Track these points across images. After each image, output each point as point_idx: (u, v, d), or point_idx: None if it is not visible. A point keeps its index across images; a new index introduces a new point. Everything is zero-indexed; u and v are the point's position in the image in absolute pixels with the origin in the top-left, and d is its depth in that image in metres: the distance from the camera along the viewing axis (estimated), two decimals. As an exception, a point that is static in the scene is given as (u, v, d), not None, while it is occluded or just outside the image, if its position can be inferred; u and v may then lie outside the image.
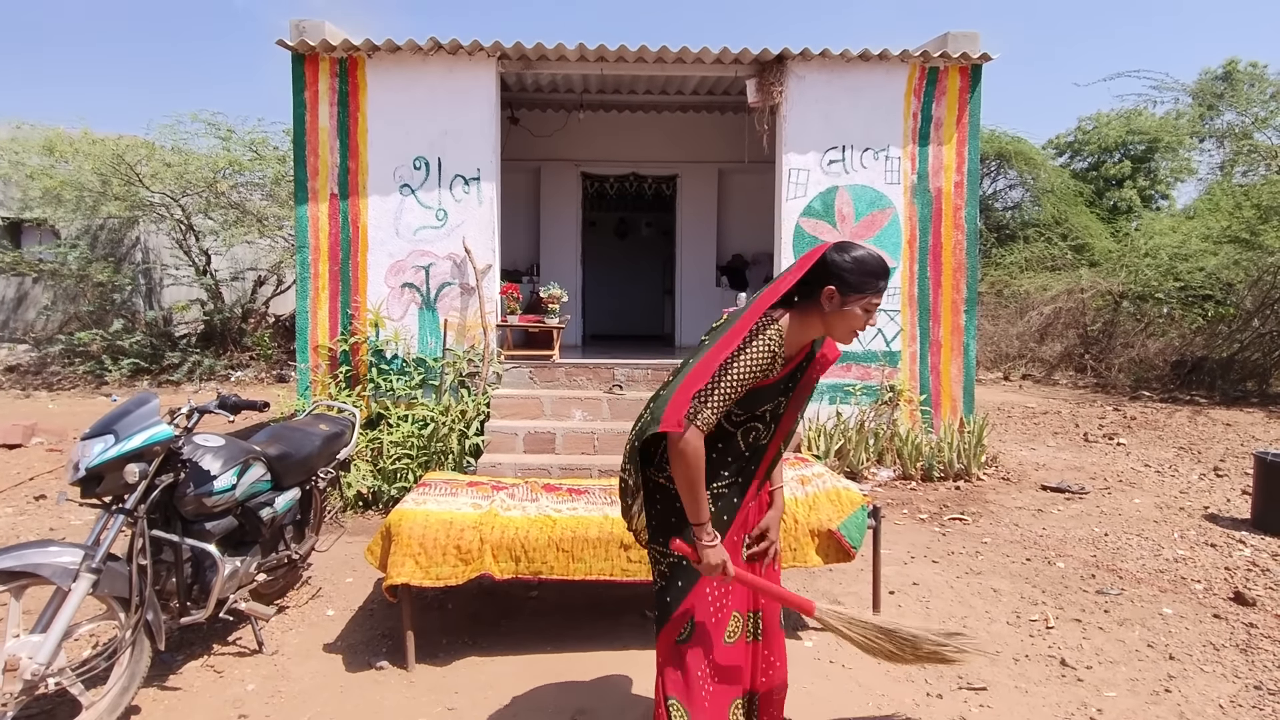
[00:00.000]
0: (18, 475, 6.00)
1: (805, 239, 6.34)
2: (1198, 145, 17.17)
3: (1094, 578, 3.88)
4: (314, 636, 3.28)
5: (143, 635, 2.52)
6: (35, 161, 11.89)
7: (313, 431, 3.54)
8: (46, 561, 2.36)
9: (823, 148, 6.34)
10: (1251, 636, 3.21)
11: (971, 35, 6.31)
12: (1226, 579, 3.86)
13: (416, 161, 6.14)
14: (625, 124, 9.02)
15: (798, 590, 3.70)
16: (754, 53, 6.18)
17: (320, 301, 6.12)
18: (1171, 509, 5.17)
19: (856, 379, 6.33)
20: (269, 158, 12.38)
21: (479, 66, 6.14)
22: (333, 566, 4.08)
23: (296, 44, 5.88)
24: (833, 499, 3.23)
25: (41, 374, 12.01)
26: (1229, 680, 2.85)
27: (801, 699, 2.72)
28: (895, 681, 2.86)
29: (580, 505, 3.35)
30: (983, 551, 4.30)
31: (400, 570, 2.90)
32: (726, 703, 2.11)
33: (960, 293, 6.40)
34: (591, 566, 3.02)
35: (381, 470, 5.30)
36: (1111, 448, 7.33)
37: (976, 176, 6.40)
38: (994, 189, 18.87)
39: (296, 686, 2.86)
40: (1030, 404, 9.99)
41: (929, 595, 3.68)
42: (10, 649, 2.30)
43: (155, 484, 2.60)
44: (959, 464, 5.94)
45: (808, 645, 3.18)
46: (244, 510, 2.99)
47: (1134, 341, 13.03)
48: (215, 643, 3.19)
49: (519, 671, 2.95)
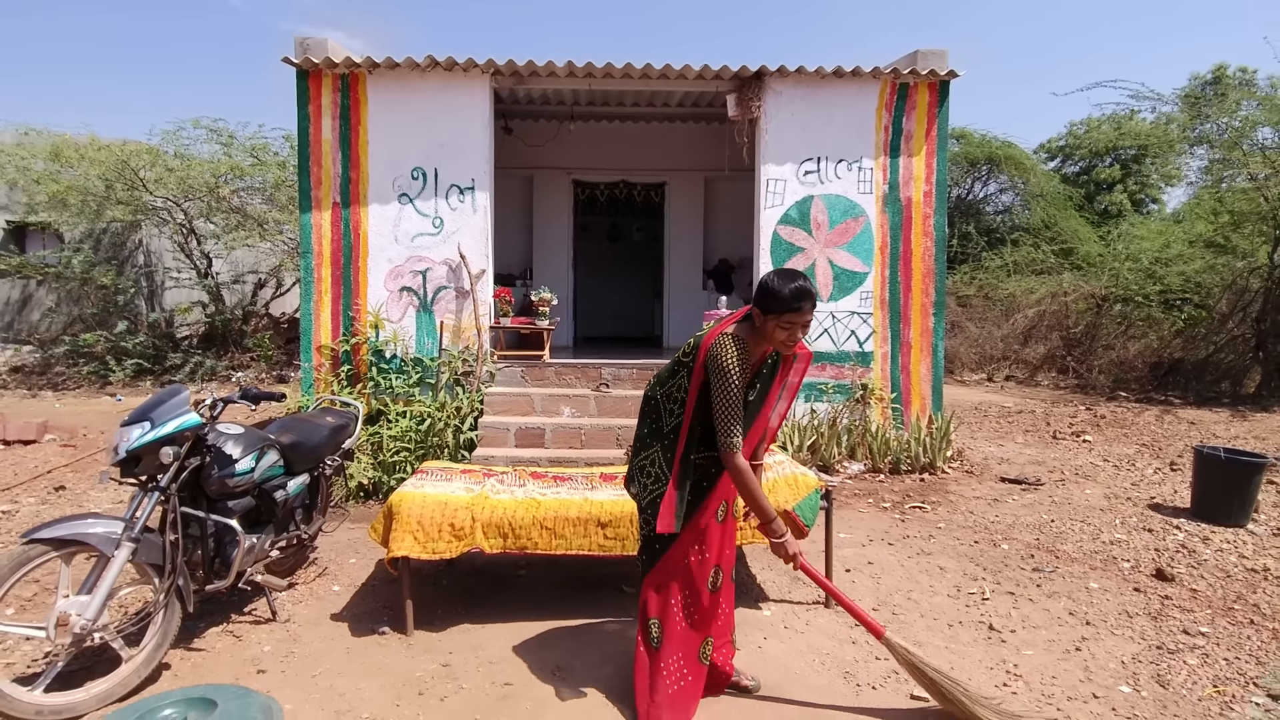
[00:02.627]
0: (35, 469, 6.33)
1: (782, 246, 6.71)
2: (1188, 150, 17.50)
3: (1033, 558, 4.25)
4: (322, 608, 3.62)
5: (174, 599, 2.87)
6: (41, 167, 12.18)
7: (320, 423, 3.89)
8: (93, 531, 2.71)
9: (799, 159, 6.71)
10: (1164, 607, 3.57)
11: (940, 53, 6.68)
12: (1154, 559, 4.23)
13: (414, 172, 6.49)
14: (615, 133, 9.38)
15: (762, 568, 4.07)
16: (733, 69, 6.55)
17: (323, 304, 6.47)
18: (1119, 499, 5.54)
19: (830, 378, 6.69)
20: (269, 163, 12.71)
21: (473, 82, 6.51)
22: (338, 549, 4.43)
23: (301, 61, 6.24)
24: (790, 483, 3.59)
25: (46, 374, 12.30)
26: (1135, 642, 3.22)
27: (755, 656, 3.08)
28: (840, 644, 3.22)
29: (564, 490, 3.71)
30: (936, 535, 4.67)
31: (400, 545, 3.25)
32: (698, 641, 2.63)
33: (929, 296, 6.77)
34: (572, 543, 3.37)
35: (381, 463, 5.65)
36: (1076, 445, 7.70)
37: (944, 186, 6.77)
38: (985, 193, 19.17)
39: (307, 649, 3.20)
40: (1007, 404, 10.36)
41: (880, 573, 4.04)
42: (61, 607, 2.65)
43: (185, 466, 2.95)
44: (925, 458, 6.30)
45: (766, 614, 3.53)
46: (260, 492, 3.34)
47: (1115, 344, 13.40)
48: (233, 612, 3.53)
49: (507, 636, 3.29)
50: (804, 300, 2.40)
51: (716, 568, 2.65)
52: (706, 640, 2.65)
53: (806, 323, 2.43)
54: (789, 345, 2.48)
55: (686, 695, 2.59)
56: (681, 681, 2.59)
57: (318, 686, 2.87)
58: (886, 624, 3.39)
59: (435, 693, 2.83)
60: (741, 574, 4.01)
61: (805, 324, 2.43)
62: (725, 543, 2.69)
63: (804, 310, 2.40)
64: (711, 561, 2.63)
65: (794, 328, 2.41)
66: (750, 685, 2.81)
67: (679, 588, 2.62)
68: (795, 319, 2.40)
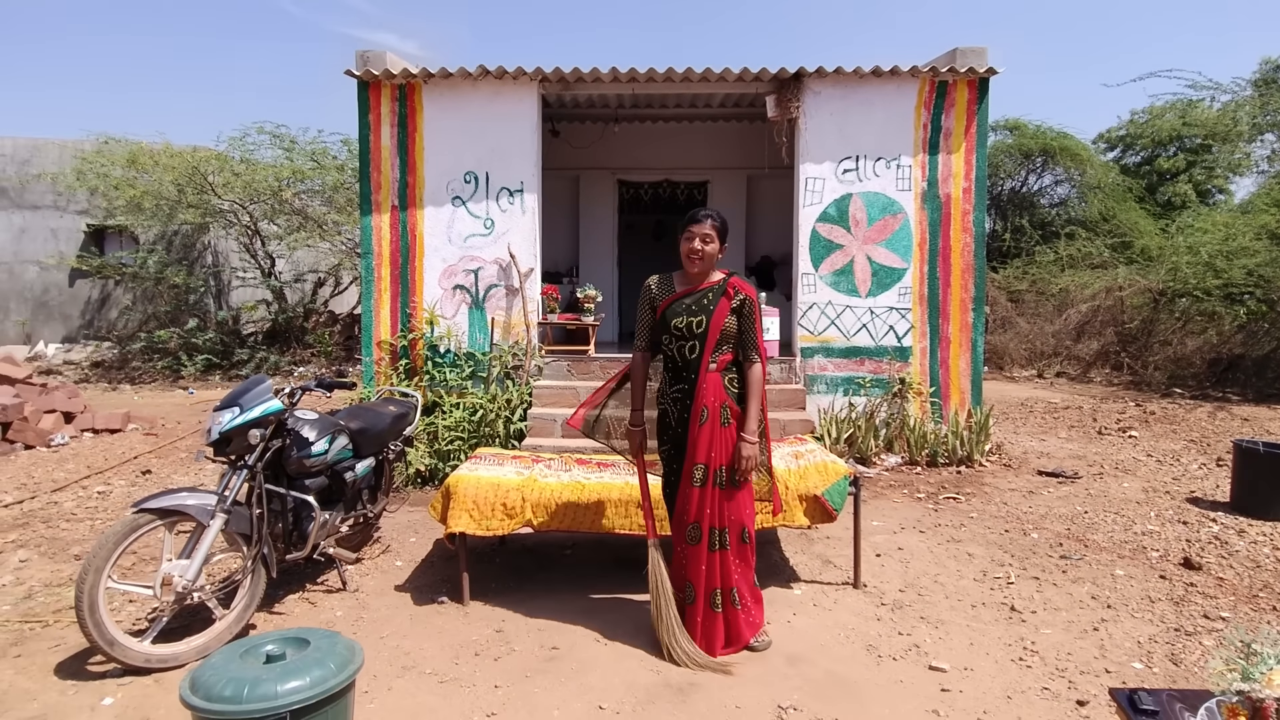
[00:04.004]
0: (123, 454, 6.87)
1: (821, 243, 6.86)
2: (1258, 137, 16.76)
3: (1061, 546, 4.36)
4: (386, 580, 3.96)
5: (260, 565, 3.22)
6: (119, 173, 12.93)
7: (384, 411, 4.23)
8: (193, 503, 3.07)
9: (837, 158, 6.85)
10: (1188, 593, 3.67)
11: (979, 50, 6.74)
12: (1184, 549, 4.30)
13: (467, 176, 6.83)
14: (658, 134, 9.62)
15: (795, 552, 4.28)
16: (772, 71, 6.72)
17: (382, 302, 6.86)
18: (1158, 493, 5.57)
19: (869, 372, 6.83)
20: (328, 167, 13.26)
21: (522, 89, 6.82)
22: (399, 529, 4.78)
23: (362, 73, 6.63)
24: (820, 470, 3.78)
25: (124, 369, 13.09)
26: (1154, 624, 3.33)
27: (784, 630, 3.29)
28: (865, 620, 3.42)
29: (607, 475, 3.97)
30: (967, 524, 4.80)
31: (458, 522, 3.56)
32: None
33: (969, 292, 6.84)
34: (614, 522, 3.63)
35: (437, 451, 6.00)
36: (1121, 440, 7.67)
37: (984, 183, 6.83)
38: (1039, 185, 18.80)
39: (375, 615, 3.53)
40: (1054, 400, 10.28)
41: (910, 558, 4.21)
42: (166, 569, 3.02)
43: (268, 447, 3.29)
44: (962, 451, 6.40)
45: (797, 593, 3.74)
46: (332, 472, 3.68)
47: (1172, 339, 13.08)
48: (307, 582, 3.89)
49: (554, 608, 3.57)
50: (698, 214, 3.11)
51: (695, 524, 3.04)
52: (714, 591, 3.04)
53: (704, 234, 3.06)
54: (690, 260, 3.09)
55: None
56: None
57: (386, 646, 3.19)
58: (911, 604, 3.58)
59: (489, 654, 3.12)
60: (774, 557, 4.22)
61: (702, 235, 3.06)
62: (705, 502, 3.03)
63: (698, 222, 3.07)
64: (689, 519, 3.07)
65: (693, 239, 3.07)
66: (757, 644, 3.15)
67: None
68: (693, 230, 3.08)
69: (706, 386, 3.02)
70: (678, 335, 3.08)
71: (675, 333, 3.08)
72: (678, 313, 3.08)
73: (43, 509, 5.21)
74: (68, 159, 13.73)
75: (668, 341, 3.14)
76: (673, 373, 3.16)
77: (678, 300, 3.11)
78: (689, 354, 3.07)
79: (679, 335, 3.08)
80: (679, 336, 3.08)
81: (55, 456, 6.80)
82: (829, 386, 6.85)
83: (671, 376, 3.17)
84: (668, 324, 3.09)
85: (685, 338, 3.07)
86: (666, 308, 3.10)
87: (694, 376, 3.06)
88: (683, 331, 3.06)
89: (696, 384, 3.04)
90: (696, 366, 3.05)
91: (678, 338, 3.08)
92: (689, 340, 3.06)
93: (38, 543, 4.52)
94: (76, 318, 14.49)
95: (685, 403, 3.09)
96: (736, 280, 3.12)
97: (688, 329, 3.05)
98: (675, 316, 3.08)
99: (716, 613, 3.02)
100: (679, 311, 3.08)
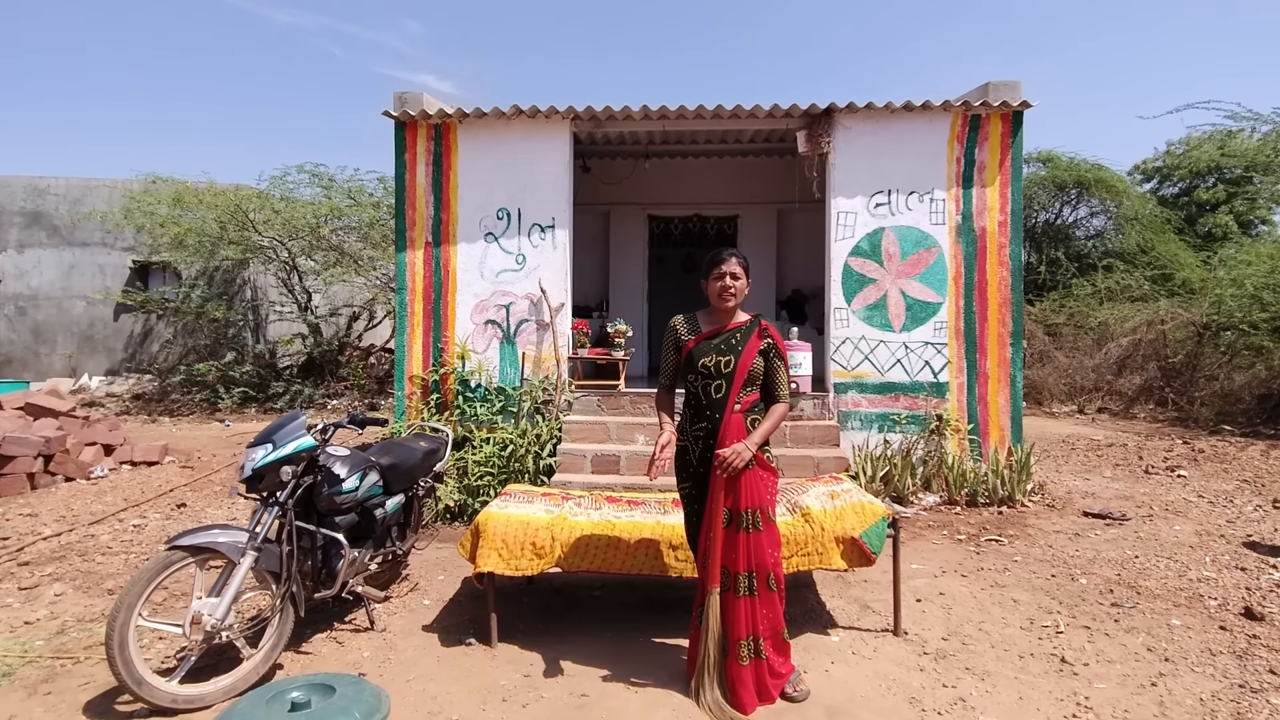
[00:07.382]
0: (159, 487, 6.96)
1: (853, 277, 6.79)
2: (1301, 168, 16.38)
3: (1112, 593, 4.17)
4: (414, 620, 3.91)
5: (289, 604, 3.20)
6: (165, 211, 13.37)
7: (415, 447, 4.22)
8: (224, 540, 3.07)
9: (869, 192, 6.80)
10: (1251, 646, 3.47)
11: (1013, 84, 6.69)
12: (1244, 598, 4.08)
13: (499, 212, 6.91)
14: (688, 169, 9.68)
15: (831, 596, 4.15)
16: (803, 107, 6.73)
17: (415, 337, 6.92)
18: (1212, 536, 5.33)
19: (904, 409, 6.69)
20: (365, 204, 13.57)
21: (554, 127, 6.91)
22: (427, 566, 4.74)
23: (399, 114, 6.77)
24: (857, 511, 3.68)
25: (164, 401, 13.37)
26: (1216, 680, 3.15)
27: (821, 679, 3.17)
28: (906, 670, 3.27)
29: (637, 514, 3.90)
30: (1011, 568, 4.62)
31: (487, 560, 3.51)
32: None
33: (1006, 326, 6.70)
34: (644, 563, 3.56)
35: (467, 486, 5.98)
36: (1170, 480, 7.39)
37: (1020, 215, 6.73)
38: (1074, 217, 18.54)
39: (402, 656, 3.48)
40: (1097, 436, 9.98)
41: (952, 604, 4.05)
42: (195, 608, 3.00)
43: (300, 483, 3.29)
44: (1003, 491, 6.20)
45: (834, 640, 3.61)
46: (362, 509, 3.67)
47: (1218, 374, 12.67)
48: (335, 621, 3.86)
49: (584, 651, 3.49)
50: (722, 253, 3.12)
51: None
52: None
53: (733, 272, 3.06)
54: (723, 298, 3.08)
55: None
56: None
57: (412, 690, 3.13)
58: (955, 653, 3.43)
59: (518, 699, 3.04)
60: (810, 601, 4.10)
61: (731, 273, 3.06)
62: (731, 546, 2.97)
63: (724, 260, 3.08)
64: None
65: (723, 277, 3.06)
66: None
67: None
68: (721, 269, 3.07)
69: (729, 430, 2.99)
70: (704, 374, 3.07)
71: (702, 371, 3.07)
72: (705, 352, 3.07)
73: (79, 542, 5.27)
74: (117, 198, 14.22)
75: (693, 380, 3.12)
76: (695, 410, 3.14)
77: (705, 340, 3.11)
78: (715, 393, 3.05)
79: (705, 374, 3.07)
80: (705, 375, 3.07)
81: (94, 489, 6.90)
82: (863, 423, 6.72)
83: (694, 414, 3.14)
84: (694, 363, 3.08)
85: (712, 376, 3.06)
86: (694, 347, 3.10)
87: (718, 416, 3.03)
88: (710, 370, 3.05)
89: (720, 424, 3.01)
90: (722, 406, 3.03)
91: (704, 376, 3.07)
92: (716, 379, 3.05)
93: (73, 576, 4.56)
94: (120, 351, 14.88)
95: (708, 441, 3.05)
96: (766, 323, 3.14)
97: (715, 368, 3.05)
98: (703, 356, 3.07)
99: (743, 665, 2.91)
100: (707, 351, 3.08)
